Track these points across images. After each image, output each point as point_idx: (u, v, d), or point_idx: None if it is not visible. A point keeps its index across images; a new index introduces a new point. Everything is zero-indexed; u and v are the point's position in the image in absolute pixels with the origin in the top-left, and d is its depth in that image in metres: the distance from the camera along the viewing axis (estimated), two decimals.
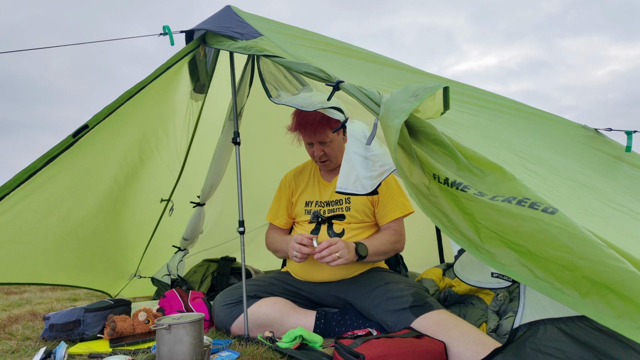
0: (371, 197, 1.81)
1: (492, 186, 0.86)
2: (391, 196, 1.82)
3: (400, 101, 0.96)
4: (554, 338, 0.95)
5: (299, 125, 1.77)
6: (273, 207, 2.01)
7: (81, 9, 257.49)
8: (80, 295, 3.02)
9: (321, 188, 1.90)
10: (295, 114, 1.81)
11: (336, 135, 1.78)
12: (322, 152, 1.78)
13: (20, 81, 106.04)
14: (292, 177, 2.00)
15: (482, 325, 1.73)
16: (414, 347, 1.24)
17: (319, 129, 1.72)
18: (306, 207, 1.88)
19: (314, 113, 1.70)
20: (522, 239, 0.75)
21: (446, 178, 0.92)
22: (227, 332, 1.67)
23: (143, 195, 2.32)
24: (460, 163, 0.93)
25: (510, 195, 0.81)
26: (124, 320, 1.62)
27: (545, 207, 0.75)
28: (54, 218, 1.81)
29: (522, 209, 0.77)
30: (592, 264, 0.66)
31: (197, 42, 1.81)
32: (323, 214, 1.83)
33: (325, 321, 1.64)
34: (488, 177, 0.88)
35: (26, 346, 1.56)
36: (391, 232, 1.78)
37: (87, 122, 1.52)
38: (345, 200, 1.82)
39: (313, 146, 1.79)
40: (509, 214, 0.79)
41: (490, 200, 0.82)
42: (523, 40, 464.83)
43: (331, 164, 1.84)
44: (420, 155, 0.99)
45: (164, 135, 2.19)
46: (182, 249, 2.58)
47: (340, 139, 1.82)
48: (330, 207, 1.84)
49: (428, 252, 2.79)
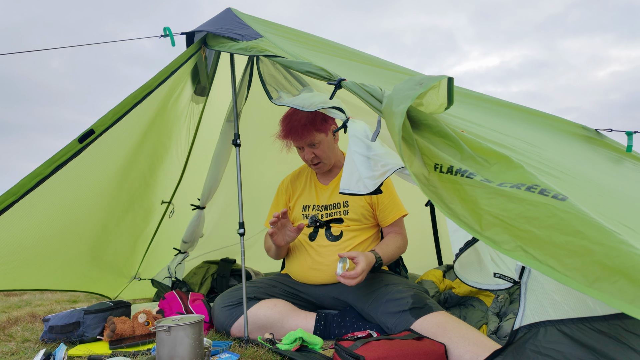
0: (370, 199, 1.82)
1: (499, 174, 0.86)
2: (391, 196, 1.82)
3: (405, 89, 0.96)
4: (554, 340, 0.95)
5: (285, 132, 1.78)
6: (271, 212, 2.01)
7: (81, 9, 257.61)
8: (80, 297, 3.02)
9: (318, 192, 1.90)
10: (281, 121, 1.82)
11: (324, 136, 1.78)
12: (312, 154, 1.79)
13: (20, 82, 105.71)
14: (288, 182, 2.01)
15: (483, 327, 1.73)
16: (414, 349, 1.24)
17: (305, 132, 1.72)
18: (303, 211, 1.88)
19: (298, 117, 1.73)
20: (530, 224, 0.75)
21: (450, 166, 0.91)
22: (227, 334, 1.66)
23: (145, 198, 2.32)
24: (464, 153, 0.93)
25: (518, 182, 0.82)
26: (123, 322, 1.62)
27: (555, 194, 0.75)
28: (57, 223, 1.81)
29: (532, 194, 0.77)
30: (605, 248, 0.65)
31: (199, 45, 1.82)
32: (321, 217, 1.83)
33: (325, 323, 1.64)
34: (493, 166, 0.88)
35: (26, 348, 1.55)
36: (399, 237, 1.79)
37: (92, 127, 1.51)
38: (343, 204, 1.82)
39: (304, 150, 1.79)
40: (517, 199, 0.79)
41: (498, 186, 0.83)
42: (524, 40, 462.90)
43: (324, 165, 1.84)
44: (422, 145, 0.99)
45: (166, 138, 2.19)
46: (182, 251, 2.58)
47: (329, 140, 1.82)
48: (328, 211, 1.84)
49: (427, 253, 2.79)
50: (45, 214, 1.68)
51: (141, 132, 1.86)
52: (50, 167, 1.46)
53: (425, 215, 2.71)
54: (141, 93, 1.59)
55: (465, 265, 1.17)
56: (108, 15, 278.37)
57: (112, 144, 1.68)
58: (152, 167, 2.19)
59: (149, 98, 1.62)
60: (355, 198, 1.82)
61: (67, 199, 1.71)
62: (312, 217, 1.82)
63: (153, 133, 1.99)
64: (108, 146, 1.66)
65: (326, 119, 1.78)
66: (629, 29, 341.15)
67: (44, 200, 1.59)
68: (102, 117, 1.53)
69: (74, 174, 1.60)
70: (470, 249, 1.11)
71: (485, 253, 1.11)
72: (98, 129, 1.52)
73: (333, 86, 1.21)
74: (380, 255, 1.64)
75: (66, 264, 2.08)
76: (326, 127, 1.79)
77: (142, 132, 1.87)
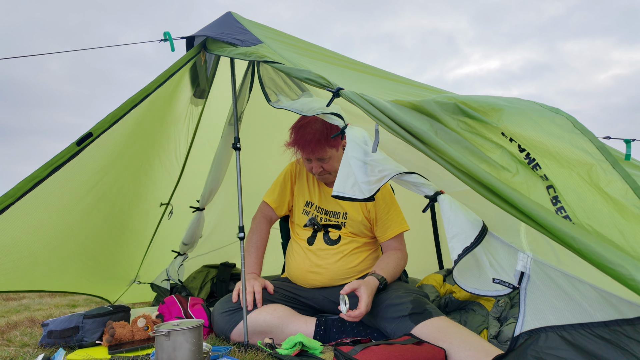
0: (368, 214, 1.80)
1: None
2: (389, 212, 1.81)
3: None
4: (555, 346, 0.94)
5: (297, 143, 1.73)
6: (276, 190, 1.96)
7: (80, 12, 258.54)
8: (79, 302, 3.01)
9: (322, 192, 1.90)
10: (294, 130, 1.77)
11: (335, 151, 1.74)
12: (320, 168, 1.76)
13: (19, 85, 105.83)
14: (299, 169, 1.97)
15: (483, 331, 1.72)
16: (414, 354, 1.24)
17: (318, 147, 1.69)
18: (305, 207, 1.88)
19: (312, 131, 1.69)
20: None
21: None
22: (226, 339, 1.66)
23: (143, 200, 2.32)
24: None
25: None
26: (123, 327, 1.61)
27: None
28: (54, 225, 1.80)
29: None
30: None
31: (198, 49, 1.82)
32: (320, 221, 1.82)
33: (325, 328, 1.64)
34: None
35: (24, 353, 1.55)
36: (399, 254, 1.76)
37: (90, 130, 1.51)
38: (342, 216, 1.82)
39: (311, 162, 1.76)
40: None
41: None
42: (526, 43, 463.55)
43: (330, 177, 1.80)
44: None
45: (165, 140, 2.20)
46: (181, 253, 2.58)
47: (339, 154, 1.77)
48: (327, 216, 1.84)
49: (427, 258, 2.78)
50: (39, 215, 1.68)
51: (139, 134, 1.86)
52: (47, 170, 1.46)
53: (426, 219, 2.71)
54: (140, 96, 1.59)
55: (464, 272, 1.17)
56: (107, 17, 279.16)
57: (109, 146, 1.68)
58: (150, 169, 2.19)
59: (147, 100, 1.62)
60: (353, 212, 1.81)
61: (62, 201, 1.71)
62: (311, 219, 1.81)
63: (151, 135, 1.99)
64: (105, 148, 1.66)
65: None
66: (630, 31, 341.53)
67: (39, 202, 1.59)
68: (101, 121, 1.53)
69: (70, 176, 1.60)
70: (469, 255, 1.11)
71: (484, 259, 1.11)
72: (96, 132, 1.52)
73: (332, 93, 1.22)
74: (382, 275, 1.62)
75: (62, 265, 2.08)
76: (338, 142, 1.74)
77: (140, 134, 1.87)
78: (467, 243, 1.09)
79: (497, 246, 1.10)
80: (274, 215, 1.97)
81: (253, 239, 1.90)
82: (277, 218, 2.00)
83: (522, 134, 1.01)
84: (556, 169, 0.96)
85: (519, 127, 1.02)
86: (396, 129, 1.09)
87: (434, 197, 1.18)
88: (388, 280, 1.63)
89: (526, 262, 1.02)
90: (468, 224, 1.11)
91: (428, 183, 1.20)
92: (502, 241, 1.10)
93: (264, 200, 1.99)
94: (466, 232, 1.10)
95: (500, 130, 1.04)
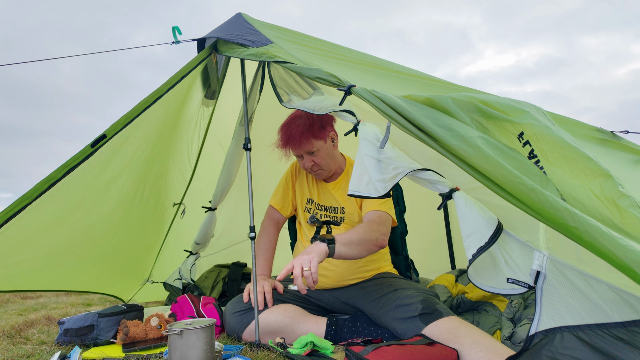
0: (360, 204, 1.81)
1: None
2: (380, 200, 1.78)
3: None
4: (571, 346, 0.92)
5: (284, 141, 1.77)
6: (279, 192, 2.00)
7: (91, 13, 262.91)
8: (94, 300, 3.06)
9: (320, 189, 1.92)
10: (279, 130, 1.81)
11: (323, 143, 1.77)
12: (312, 162, 1.78)
13: (32, 88, 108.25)
14: (299, 168, 2.01)
15: (497, 332, 1.70)
16: (426, 354, 1.23)
17: (303, 140, 1.71)
18: (307, 204, 1.91)
19: (295, 125, 1.72)
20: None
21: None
22: (238, 338, 1.67)
23: (156, 200, 2.35)
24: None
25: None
26: (136, 326, 1.63)
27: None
28: (69, 225, 1.83)
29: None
30: None
31: (209, 50, 1.83)
32: (320, 217, 1.85)
33: (336, 328, 1.63)
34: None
35: (42, 350, 1.58)
36: (367, 222, 1.68)
37: (105, 132, 1.54)
38: (340, 210, 1.84)
39: (303, 158, 1.79)
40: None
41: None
42: (541, 37, 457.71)
43: (324, 172, 1.83)
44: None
45: (177, 141, 2.22)
46: (193, 253, 2.60)
47: (329, 147, 1.80)
48: (327, 212, 1.86)
49: (439, 257, 2.76)
50: (53, 215, 1.71)
51: (152, 135, 1.89)
52: (62, 171, 1.49)
53: (439, 218, 2.68)
54: (152, 97, 1.61)
55: (479, 270, 1.15)
56: (118, 18, 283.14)
57: (122, 146, 1.70)
58: (163, 169, 2.21)
59: (160, 102, 1.64)
60: (348, 205, 1.82)
61: (74, 201, 1.74)
62: (312, 217, 1.82)
63: (164, 135, 2.01)
64: (118, 149, 1.69)
65: (324, 126, 1.77)
66: None
67: (53, 203, 1.61)
68: (115, 123, 1.55)
69: (84, 177, 1.63)
70: (485, 254, 1.10)
71: (500, 257, 1.09)
72: (110, 133, 1.54)
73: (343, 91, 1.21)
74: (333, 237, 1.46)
75: (78, 265, 2.11)
76: (324, 134, 1.77)
77: (153, 135, 1.90)
78: (481, 242, 1.08)
79: (512, 245, 1.08)
80: (280, 216, 1.99)
81: (261, 242, 1.93)
82: (284, 220, 2.02)
83: (544, 134, 1.00)
84: (569, 180, 0.94)
85: (542, 128, 1.01)
86: (408, 127, 1.08)
87: (449, 195, 1.17)
88: (341, 243, 1.46)
89: (542, 261, 1.00)
90: (483, 222, 1.09)
91: (443, 180, 1.19)
92: (517, 239, 1.08)
93: (269, 203, 2.02)
94: (481, 230, 1.09)
95: (521, 130, 1.02)
